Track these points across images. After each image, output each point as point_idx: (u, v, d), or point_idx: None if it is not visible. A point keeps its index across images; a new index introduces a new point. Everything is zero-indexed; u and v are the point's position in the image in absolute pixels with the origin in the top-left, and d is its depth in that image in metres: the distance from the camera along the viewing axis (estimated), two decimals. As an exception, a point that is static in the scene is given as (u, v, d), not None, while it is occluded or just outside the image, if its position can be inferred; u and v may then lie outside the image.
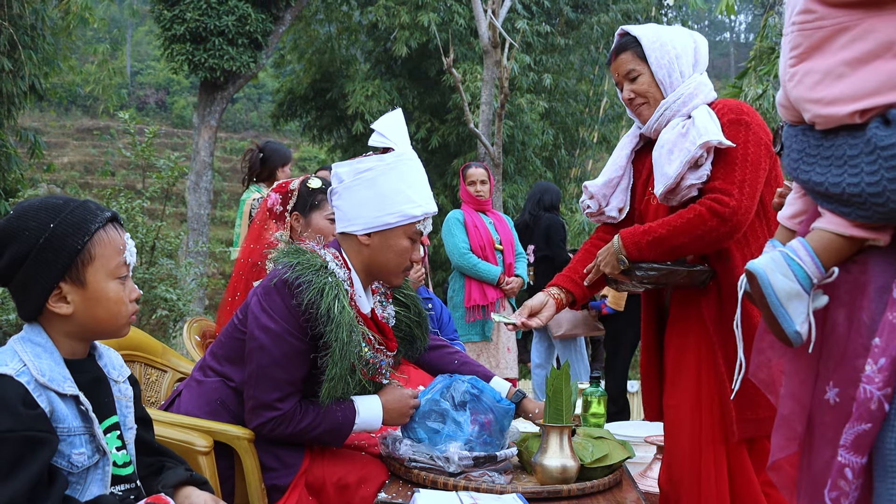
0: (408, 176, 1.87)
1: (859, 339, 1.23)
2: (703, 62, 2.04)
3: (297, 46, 12.50)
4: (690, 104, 1.96)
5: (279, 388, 1.78)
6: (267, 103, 26.48)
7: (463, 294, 4.28)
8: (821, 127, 1.29)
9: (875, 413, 1.16)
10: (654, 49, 1.98)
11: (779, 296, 1.30)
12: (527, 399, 2.13)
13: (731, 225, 1.83)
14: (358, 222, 1.87)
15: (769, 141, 1.92)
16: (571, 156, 12.77)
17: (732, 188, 1.84)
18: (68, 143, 23.16)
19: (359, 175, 1.85)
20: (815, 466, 1.30)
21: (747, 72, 6.95)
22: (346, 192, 1.87)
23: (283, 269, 1.80)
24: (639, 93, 2.02)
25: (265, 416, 1.78)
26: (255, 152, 3.98)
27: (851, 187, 1.21)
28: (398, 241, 1.88)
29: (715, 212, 1.83)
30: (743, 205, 1.83)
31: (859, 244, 1.27)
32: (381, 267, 1.91)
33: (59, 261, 1.29)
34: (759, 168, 1.86)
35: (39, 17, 7.30)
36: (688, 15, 15.25)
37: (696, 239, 1.86)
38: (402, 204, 1.85)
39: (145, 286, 5.57)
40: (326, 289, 1.76)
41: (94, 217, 1.33)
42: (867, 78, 1.21)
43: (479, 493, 1.70)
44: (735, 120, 1.90)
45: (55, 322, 1.33)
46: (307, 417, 1.80)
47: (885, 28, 1.19)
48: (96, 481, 1.31)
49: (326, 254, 1.86)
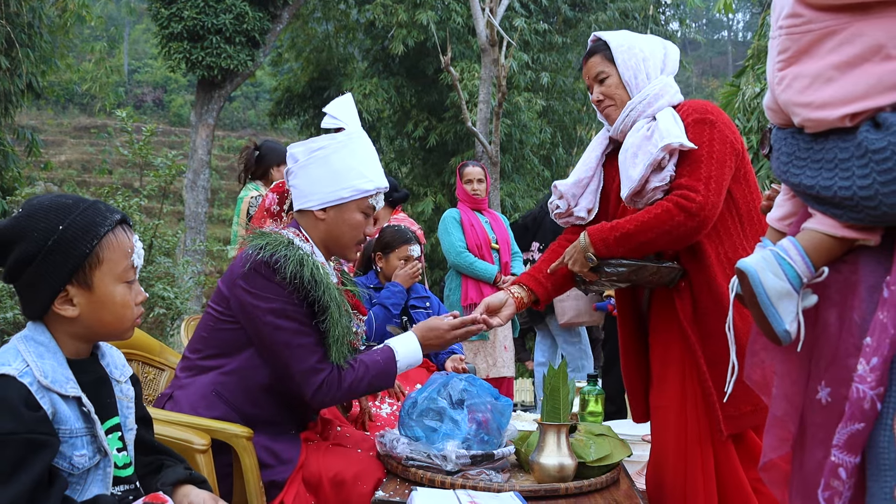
0: (359, 153, 1.97)
1: (850, 339, 1.23)
2: (672, 68, 2.07)
3: (295, 45, 12.50)
4: (655, 105, 1.98)
5: (313, 352, 1.84)
6: (264, 101, 26.46)
7: (459, 293, 4.28)
8: (810, 130, 1.29)
9: (868, 412, 1.16)
10: (621, 52, 2.02)
11: (769, 295, 1.30)
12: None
13: (698, 220, 1.84)
14: (314, 198, 1.95)
15: (735, 139, 1.94)
16: (569, 154, 12.77)
17: (699, 184, 1.85)
18: (66, 142, 23.13)
19: (312, 154, 1.94)
20: (808, 466, 1.30)
21: (745, 70, 6.96)
22: (300, 171, 1.96)
23: (254, 252, 1.83)
24: (607, 94, 2.05)
25: (314, 381, 1.83)
26: (252, 150, 3.98)
27: (843, 191, 1.21)
28: (352, 216, 1.97)
29: (682, 207, 1.84)
30: (710, 200, 1.84)
31: (849, 244, 1.28)
32: (336, 240, 1.99)
33: (67, 264, 1.28)
34: (724, 165, 1.88)
35: (37, 16, 7.29)
36: (686, 13, 15.26)
37: (664, 234, 1.87)
38: (354, 179, 1.94)
39: (143, 285, 5.56)
40: (304, 258, 1.83)
41: (104, 220, 1.32)
42: (856, 81, 1.21)
43: (477, 491, 1.70)
44: (699, 119, 1.92)
45: (60, 323, 1.32)
46: (351, 373, 1.88)
47: (873, 31, 1.20)
48: (97, 482, 1.31)
49: (287, 233, 1.93)
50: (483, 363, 4.24)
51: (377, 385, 1.94)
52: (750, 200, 1.98)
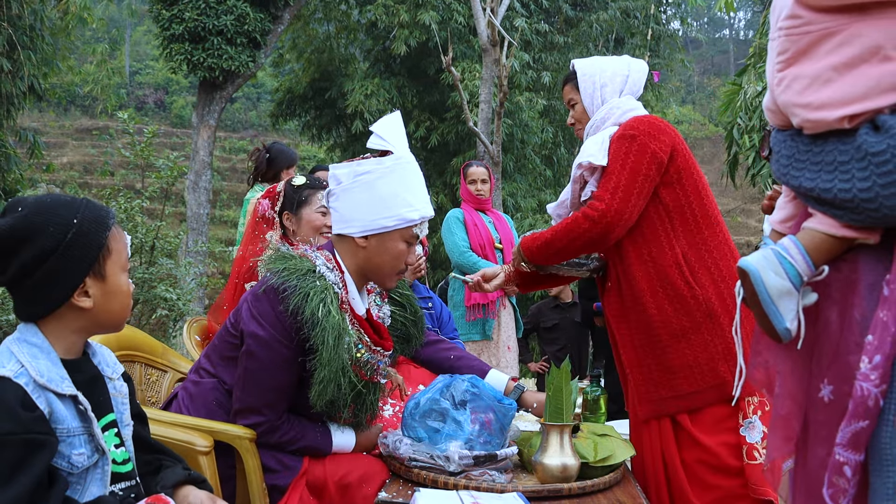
0: (406, 180, 1.88)
1: (851, 337, 1.24)
2: (635, 88, 2.27)
3: (296, 45, 12.50)
4: (602, 127, 2.21)
5: (265, 395, 1.80)
6: (266, 102, 26.48)
7: (463, 293, 4.28)
8: (809, 132, 1.30)
9: (872, 410, 1.16)
10: (584, 80, 2.25)
11: (771, 294, 1.31)
12: (527, 392, 2.15)
13: (601, 226, 2.03)
14: (355, 224, 1.87)
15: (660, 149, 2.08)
16: (571, 154, 12.76)
17: (605, 194, 2.05)
18: (67, 143, 23.18)
19: (357, 178, 1.86)
20: (811, 464, 1.30)
21: (747, 69, 6.96)
22: (343, 195, 1.88)
23: (271, 275, 1.81)
24: (575, 118, 2.31)
25: (251, 419, 1.81)
26: (262, 152, 3.99)
27: (843, 193, 1.22)
28: (395, 245, 1.89)
29: (586, 215, 2.06)
30: (612, 207, 2.03)
31: (849, 242, 1.28)
32: (376, 269, 1.92)
33: (87, 256, 1.31)
34: (637, 174, 2.05)
35: (38, 18, 7.29)
36: (687, 12, 15.26)
37: (573, 241, 2.09)
38: (399, 207, 1.85)
39: (145, 286, 5.57)
40: (312, 293, 1.76)
41: (107, 213, 1.37)
42: (854, 83, 1.22)
43: (480, 492, 1.70)
44: (621, 135, 2.12)
45: (68, 318, 1.33)
46: (291, 432, 1.84)
47: (871, 32, 1.21)
48: (96, 481, 1.31)
49: (318, 256, 1.87)
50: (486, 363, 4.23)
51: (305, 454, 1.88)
52: (684, 201, 2.12)
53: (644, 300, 2.09)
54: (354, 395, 1.87)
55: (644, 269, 2.10)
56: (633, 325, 2.14)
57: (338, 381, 1.78)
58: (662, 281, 2.08)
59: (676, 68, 14.72)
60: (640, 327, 2.12)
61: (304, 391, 1.82)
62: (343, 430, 1.94)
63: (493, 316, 4.23)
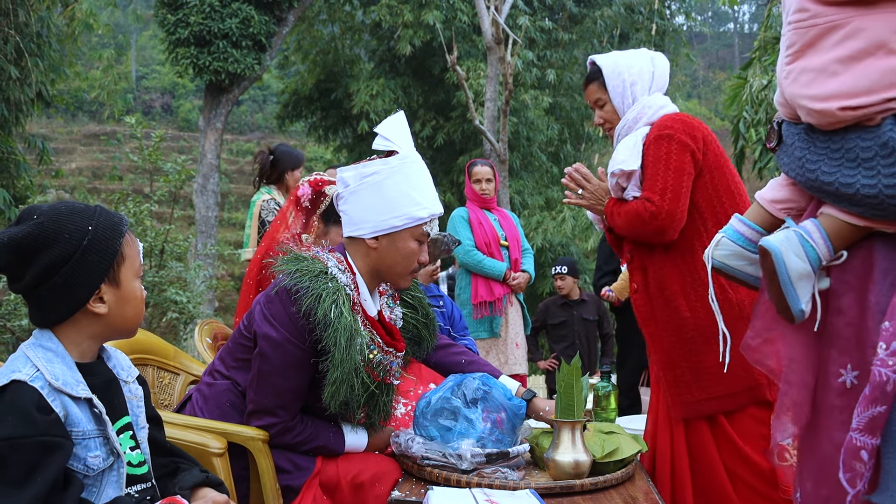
0: (413, 178, 1.88)
1: (872, 322, 1.25)
2: (661, 83, 2.23)
3: (301, 47, 12.53)
4: (635, 128, 2.17)
5: (279, 396, 1.81)
6: (272, 105, 26.53)
7: (470, 291, 4.28)
8: (816, 124, 1.30)
9: (889, 395, 1.17)
10: (611, 78, 2.20)
11: (790, 275, 1.33)
12: (537, 398, 2.14)
13: (653, 227, 2.04)
14: (365, 226, 1.87)
15: (701, 143, 2.08)
16: (577, 150, 12.76)
17: (654, 196, 2.05)
18: (76, 149, 23.28)
19: (364, 179, 1.86)
20: (824, 448, 1.31)
21: (752, 62, 6.93)
22: (352, 197, 1.88)
23: (283, 276, 1.82)
24: (605, 118, 2.26)
25: (265, 420, 1.82)
26: (266, 154, 4.02)
27: (867, 188, 1.22)
28: (406, 244, 1.89)
29: (643, 212, 2.06)
30: (664, 208, 2.03)
31: (867, 230, 1.30)
32: (388, 269, 1.92)
33: (103, 262, 1.32)
34: (682, 173, 2.05)
35: (45, 25, 7.33)
36: (691, 6, 15.19)
37: (634, 231, 2.10)
38: (408, 206, 1.86)
39: (155, 289, 5.60)
40: (324, 294, 1.77)
41: (120, 219, 1.38)
42: (859, 76, 1.23)
43: (493, 489, 1.70)
44: (658, 136, 2.09)
45: (83, 324, 1.34)
46: (304, 432, 1.85)
47: (876, 26, 1.21)
48: (111, 483, 1.32)
49: (330, 258, 1.87)
50: (495, 360, 4.24)
51: (317, 454, 1.89)
52: (715, 199, 2.10)
53: (677, 302, 2.09)
54: (367, 396, 1.88)
55: (677, 270, 2.09)
56: (664, 326, 2.12)
57: (350, 382, 1.78)
58: (695, 283, 2.06)
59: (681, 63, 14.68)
60: (671, 329, 2.10)
61: (317, 392, 1.83)
62: (356, 430, 1.95)
63: (501, 313, 4.23)
